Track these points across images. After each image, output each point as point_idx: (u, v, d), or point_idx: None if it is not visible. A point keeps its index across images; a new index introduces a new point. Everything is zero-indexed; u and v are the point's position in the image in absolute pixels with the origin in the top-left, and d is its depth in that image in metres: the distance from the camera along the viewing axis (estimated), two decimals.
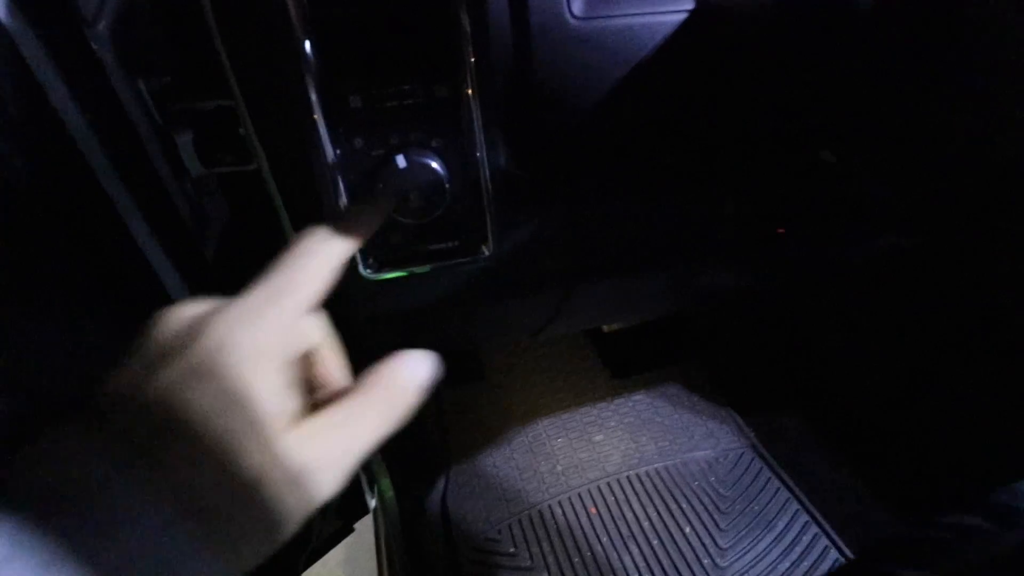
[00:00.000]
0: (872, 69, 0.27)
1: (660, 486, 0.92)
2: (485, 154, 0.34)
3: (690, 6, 0.36)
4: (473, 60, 0.32)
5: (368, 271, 0.37)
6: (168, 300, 0.55)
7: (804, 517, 0.87)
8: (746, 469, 0.95)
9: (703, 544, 0.84)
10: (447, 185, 0.33)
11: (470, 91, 0.32)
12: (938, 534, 0.43)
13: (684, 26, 0.36)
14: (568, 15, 0.34)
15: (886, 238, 0.45)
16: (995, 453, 0.69)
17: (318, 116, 0.31)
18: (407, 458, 0.96)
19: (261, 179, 0.52)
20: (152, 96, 0.53)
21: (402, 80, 0.32)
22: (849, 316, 0.88)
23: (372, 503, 0.82)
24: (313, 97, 0.31)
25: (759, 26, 0.34)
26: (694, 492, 0.91)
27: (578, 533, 0.86)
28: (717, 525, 0.86)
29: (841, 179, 0.35)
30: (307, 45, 0.31)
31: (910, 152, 0.29)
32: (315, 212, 0.45)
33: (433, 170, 0.32)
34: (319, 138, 0.32)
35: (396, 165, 0.31)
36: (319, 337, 0.25)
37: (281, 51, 0.34)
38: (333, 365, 0.25)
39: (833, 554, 0.81)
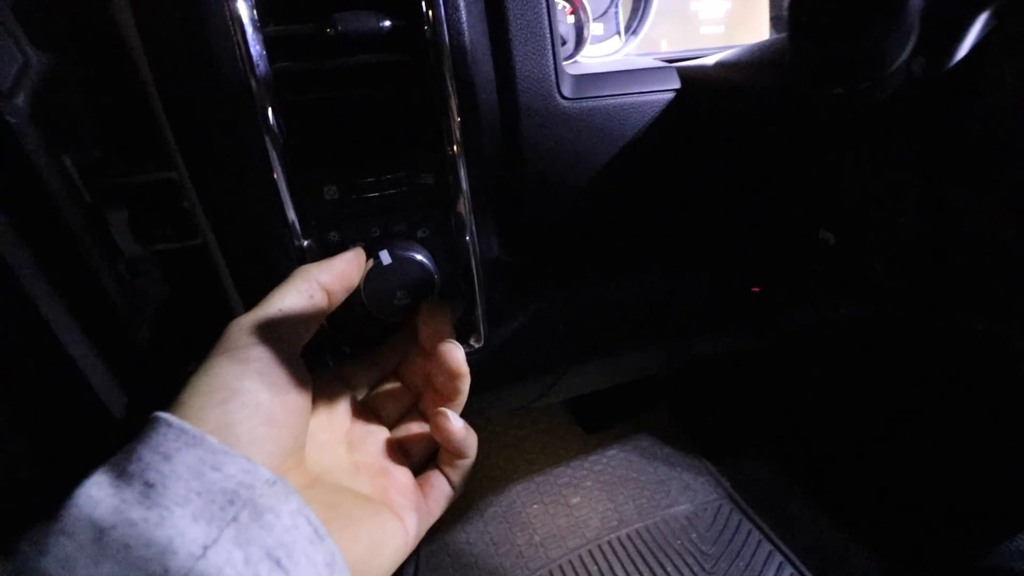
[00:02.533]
0: (881, 154, 0.27)
1: (643, 549, 0.88)
2: (476, 243, 0.31)
3: (676, 86, 0.36)
4: (461, 144, 0.30)
5: None
6: (92, 393, 0.48)
7: (789, 569, 0.85)
8: (726, 522, 0.93)
9: None
10: (436, 279, 0.29)
11: (459, 177, 0.30)
12: None
13: (671, 106, 0.36)
14: (557, 96, 0.33)
15: (868, 307, 0.45)
16: (967, 493, 0.70)
17: (289, 211, 0.27)
18: None
19: (205, 255, 0.46)
20: (81, 172, 0.47)
21: (384, 168, 0.29)
22: (817, 359, 0.90)
23: None
24: (283, 190, 0.27)
25: (750, 107, 0.33)
26: (677, 552, 0.88)
27: None
28: None
29: (838, 258, 0.35)
30: (274, 129, 0.27)
31: (915, 237, 0.28)
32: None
33: (421, 265, 0.29)
34: (291, 235, 0.28)
35: (380, 262, 0.28)
36: None
37: (241, 135, 0.30)
38: None
39: None
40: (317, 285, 0.27)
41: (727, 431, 1.06)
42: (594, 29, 0.49)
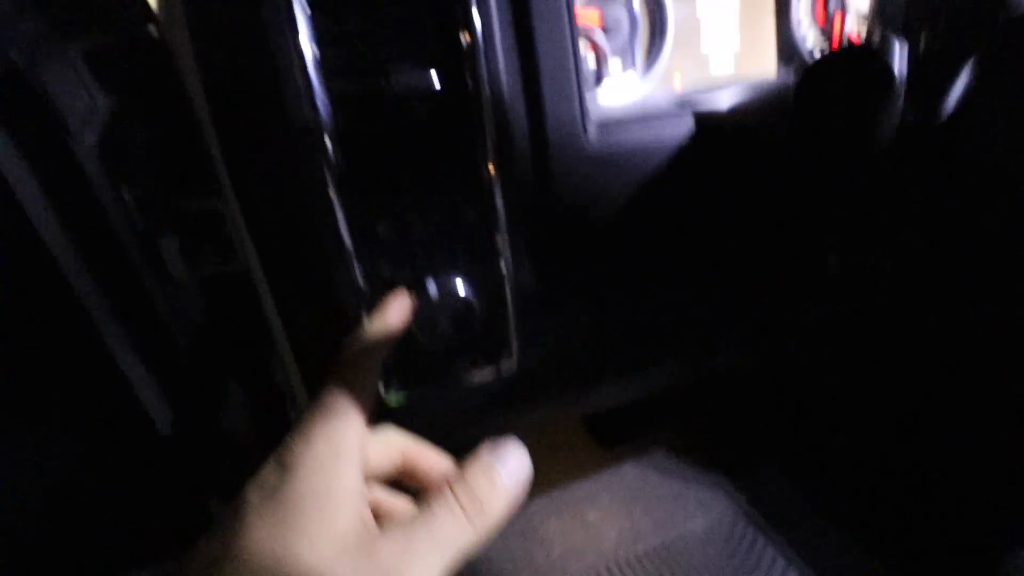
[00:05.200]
0: (885, 191, 0.29)
1: (661, 565, 0.89)
2: (511, 272, 0.34)
3: (692, 128, 0.38)
4: (500, 182, 0.32)
5: (392, 396, 0.35)
6: (143, 412, 0.50)
7: None
8: (741, 537, 0.94)
9: None
10: (476, 308, 0.32)
11: (497, 214, 0.33)
12: None
13: (688, 145, 0.38)
14: (583, 137, 0.35)
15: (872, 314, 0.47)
16: (987, 505, 0.71)
17: (348, 248, 0.30)
18: None
19: (245, 281, 0.49)
20: (136, 202, 0.50)
21: (429, 205, 0.32)
22: (830, 368, 0.91)
23: None
24: (344, 231, 0.30)
25: (762, 149, 0.36)
26: (695, 568, 0.89)
27: None
28: None
29: (844, 284, 0.37)
30: (335, 165, 0.30)
31: (917, 266, 0.30)
32: (317, 316, 0.43)
33: (464, 297, 0.32)
34: (351, 271, 0.30)
35: (428, 295, 0.30)
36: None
37: (300, 171, 0.33)
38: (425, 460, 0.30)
39: None
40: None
41: (742, 446, 1.07)
42: (612, 64, 0.51)
